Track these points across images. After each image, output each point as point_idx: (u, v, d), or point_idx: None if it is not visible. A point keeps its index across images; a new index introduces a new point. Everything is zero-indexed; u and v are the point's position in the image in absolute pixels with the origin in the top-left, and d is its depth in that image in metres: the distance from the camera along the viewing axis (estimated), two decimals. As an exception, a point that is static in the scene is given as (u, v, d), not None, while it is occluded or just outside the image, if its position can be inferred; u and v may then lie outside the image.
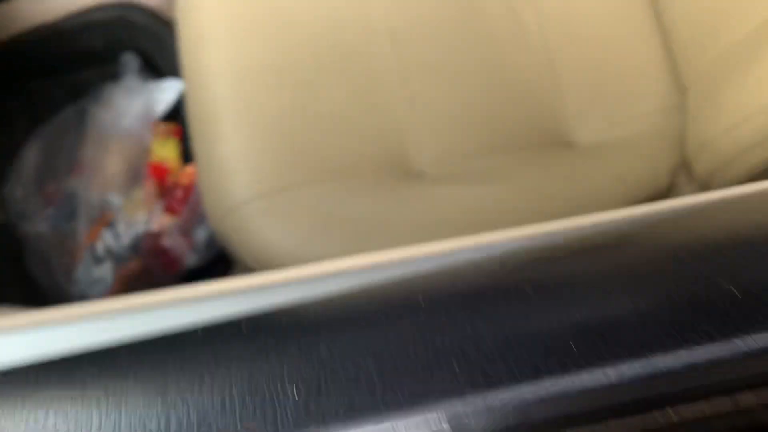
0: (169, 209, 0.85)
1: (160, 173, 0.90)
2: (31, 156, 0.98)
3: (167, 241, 0.83)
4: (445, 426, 0.25)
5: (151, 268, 0.87)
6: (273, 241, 0.69)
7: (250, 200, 0.68)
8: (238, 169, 0.69)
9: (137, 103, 0.94)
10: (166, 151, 0.92)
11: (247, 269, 0.73)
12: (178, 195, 0.86)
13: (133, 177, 0.90)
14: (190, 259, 0.84)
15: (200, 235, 0.84)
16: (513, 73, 0.78)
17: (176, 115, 1.03)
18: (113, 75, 1.12)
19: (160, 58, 1.06)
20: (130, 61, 1.01)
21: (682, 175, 0.77)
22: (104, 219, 0.87)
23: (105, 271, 0.88)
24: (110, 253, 0.87)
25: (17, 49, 1.03)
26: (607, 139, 0.78)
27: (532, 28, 0.80)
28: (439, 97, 0.76)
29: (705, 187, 0.73)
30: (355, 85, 0.74)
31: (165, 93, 0.98)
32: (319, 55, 0.74)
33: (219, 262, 0.90)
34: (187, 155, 0.97)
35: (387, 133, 0.74)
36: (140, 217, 0.87)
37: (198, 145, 0.73)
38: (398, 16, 0.78)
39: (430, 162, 0.74)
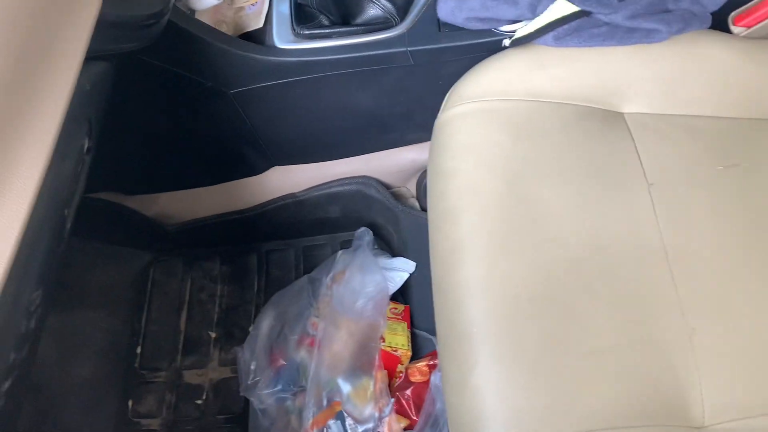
0: (401, 411, 0.82)
1: (391, 362, 0.87)
2: (264, 324, 1.01)
3: (397, 447, 0.79)
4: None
5: (375, 469, 0.82)
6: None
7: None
8: (494, 407, 0.63)
9: (371, 283, 0.93)
10: (397, 339, 0.89)
11: None
12: (410, 395, 0.82)
13: (363, 363, 0.88)
14: (418, 470, 0.79)
15: (430, 443, 0.79)
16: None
17: (404, 294, 1.01)
18: (345, 242, 1.15)
19: (391, 232, 1.07)
20: (365, 235, 1.02)
21: None
22: (332, 409, 0.85)
23: (328, 462, 0.85)
24: (335, 445, 0.85)
25: (261, 214, 1.09)
26: None
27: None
28: (723, 335, 0.66)
29: None
30: (624, 314, 0.66)
31: (396, 273, 0.97)
32: (583, 278, 0.68)
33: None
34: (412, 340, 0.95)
35: (662, 373, 0.64)
36: (369, 412, 0.83)
37: (448, 365, 0.69)
38: (674, 235, 0.70)
39: (712, 413, 0.64)
